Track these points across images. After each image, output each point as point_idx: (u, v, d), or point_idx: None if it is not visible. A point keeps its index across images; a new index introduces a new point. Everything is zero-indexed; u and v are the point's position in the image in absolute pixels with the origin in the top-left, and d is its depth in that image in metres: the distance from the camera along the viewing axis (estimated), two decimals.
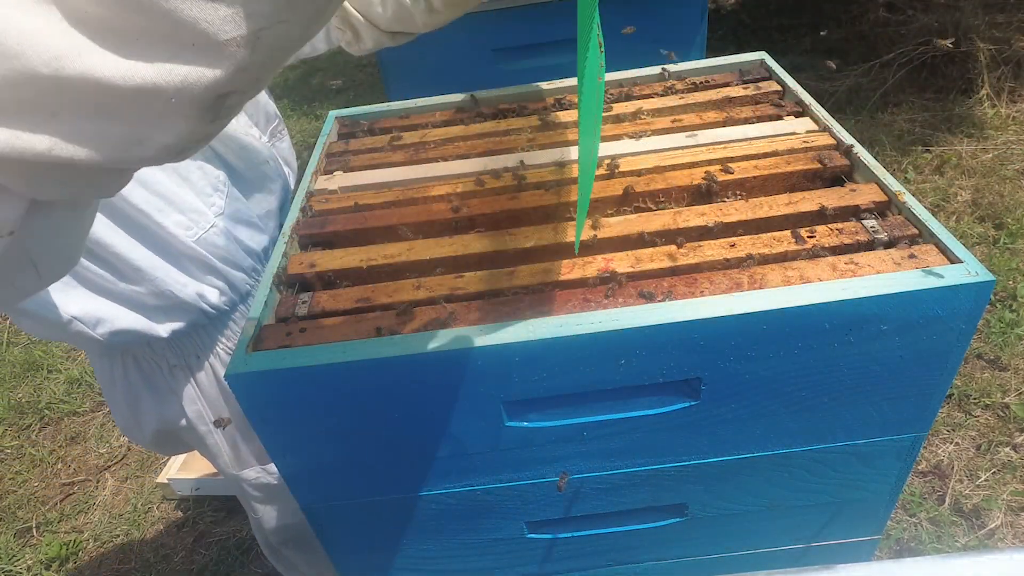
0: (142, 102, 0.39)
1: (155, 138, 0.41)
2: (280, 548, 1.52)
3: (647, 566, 1.09)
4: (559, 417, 0.85)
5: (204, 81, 0.39)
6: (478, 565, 1.06)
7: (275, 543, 1.50)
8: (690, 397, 0.83)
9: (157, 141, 0.42)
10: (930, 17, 3.59)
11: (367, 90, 4.43)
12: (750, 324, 0.75)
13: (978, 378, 2.21)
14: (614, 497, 0.96)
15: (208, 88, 0.39)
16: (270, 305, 0.87)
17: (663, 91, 1.22)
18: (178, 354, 1.20)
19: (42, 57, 0.36)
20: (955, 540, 1.86)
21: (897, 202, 0.88)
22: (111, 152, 0.41)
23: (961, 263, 0.76)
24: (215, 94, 0.40)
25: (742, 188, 0.96)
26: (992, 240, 2.65)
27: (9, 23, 0.36)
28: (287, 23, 0.39)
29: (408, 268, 0.90)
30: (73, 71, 0.37)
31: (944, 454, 2.05)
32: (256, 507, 1.41)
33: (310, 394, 0.79)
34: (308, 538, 1.51)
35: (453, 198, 1.00)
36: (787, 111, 1.10)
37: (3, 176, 0.42)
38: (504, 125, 1.18)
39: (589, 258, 0.86)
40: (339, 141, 1.23)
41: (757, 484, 0.95)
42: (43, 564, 2.19)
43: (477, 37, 1.94)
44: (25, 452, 2.58)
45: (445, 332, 0.77)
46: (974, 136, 3.15)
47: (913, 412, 0.86)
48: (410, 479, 0.91)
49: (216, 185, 1.13)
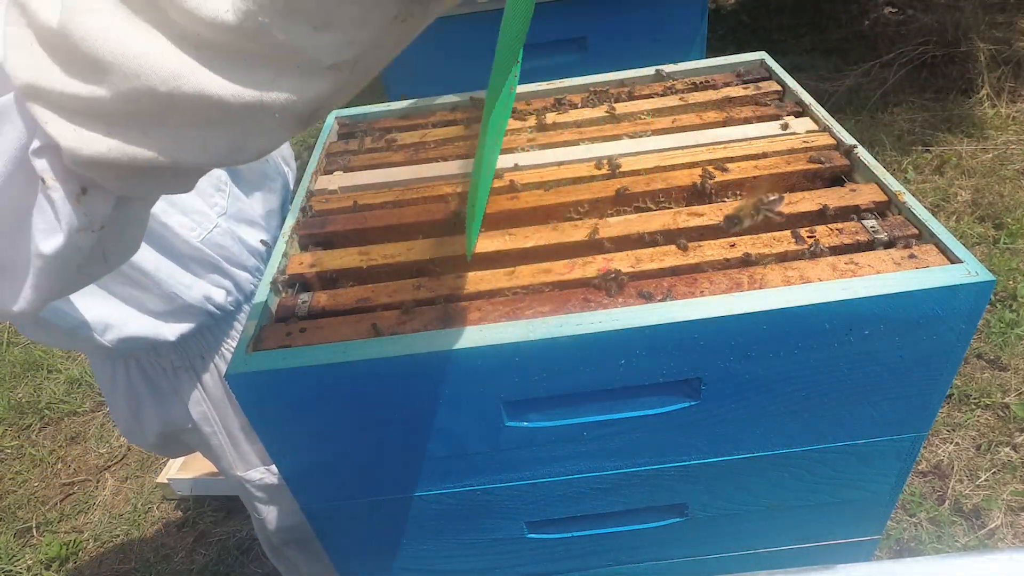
0: (248, 116, 0.42)
1: (254, 145, 0.46)
2: (282, 548, 1.52)
3: (647, 566, 1.09)
4: (559, 417, 0.85)
5: (306, 99, 0.42)
6: (478, 565, 1.06)
7: (277, 543, 1.51)
8: (690, 397, 0.83)
9: (255, 147, 0.46)
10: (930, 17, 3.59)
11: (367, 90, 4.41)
12: (750, 324, 0.75)
13: (978, 378, 2.21)
14: (614, 497, 0.96)
15: (309, 104, 0.43)
16: (270, 305, 0.87)
17: (663, 91, 1.22)
18: (182, 356, 1.20)
19: (160, 76, 0.40)
20: (955, 540, 1.86)
21: (897, 202, 0.88)
22: (212, 157, 0.45)
23: (961, 263, 0.76)
24: (314, 109, 0.43)
25: (742, 188, 0.96)
26: (992, 240, 2.65)
27: (127, 47, 0.40)
28: (382, 48, 0.43)
29: (408, 268, 0.90)
30: (189, 89, 0.40)
31: (944, 454, 2.05)
32: (259, 507, 1.41)
33: (310, 394, 0.79)
34: (310, 538, 1.51)
35: (453, 198, 1.00)
36: (787, 111, 1.10)
37: (106, 178, 0.46)
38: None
39: (589, 258, 0.86)
40: (339, 141, 1.23)
41: (757, 484, 0.95)
42: (43, 564, 2.19)
43: (477, 37, 1.94)
44: (25, 452, 2.58)
45: (445, 332, 0.77)
46: (974, 136, 3.15)
47: (913, 412, 0.86)
48: (410, 479, 0.91)
49: (218, 185, 1.14)
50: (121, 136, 0.43)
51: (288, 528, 1.45)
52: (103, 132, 0.43)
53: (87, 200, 0.48)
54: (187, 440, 1.33)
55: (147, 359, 1.19)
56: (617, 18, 1.94)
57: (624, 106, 1.18)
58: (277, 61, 0.41)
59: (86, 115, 0.43)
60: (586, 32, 1.95)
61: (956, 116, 3.26)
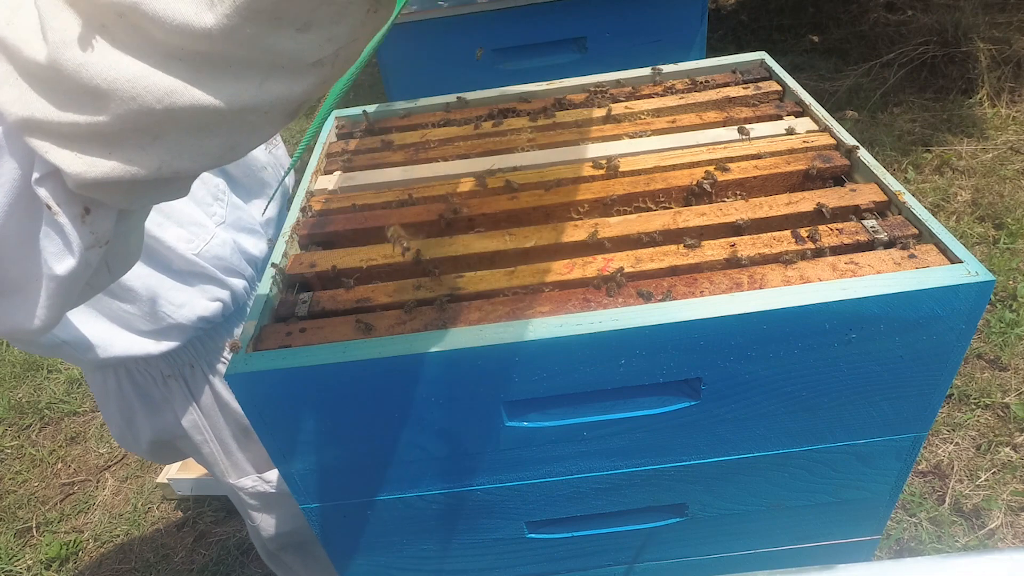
0: (241, 118, 0.45)
1: (246, 144, 0.48)
2: (278, 554, 1.52)
3: (647, 566, 1.09)
4: (559, 417, 0.85)
5: (294, 95, 0.45)
6: (478, 565, 1.06)
7: (273, 549, 1.50)
8: (690, 397, 0.83)
9: (247, 145, 0.48)
10: (930, 17, 3.59)
11: (367, 90, 4.43)
12: (750, 324, 0.75)
13: (978, 378, 2.21)
14: (614, 497, 0.96)
15: (296, 100, 0.45)
16: (270, 305, 0.87)
17: (663, 91, 1.22)
18: (172, 365, 1.18)
19: (155, 95, 0.42)
20: (955, 540, 1.86)
21: (897, 202, 0.88)
22: (208, 161, 0.48)
23: (961, 263, 0.76)
24: (300, 103, 0.46)
25: (742, 188, 0.96)
26: (992, 240, 2.65)
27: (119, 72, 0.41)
28: (358, 41, 0.45)
29: (408, 268, 0.90)
30: (184, 103, 0.42)
31: (944, 454, 2.05)
32: (253, 515, 1.40)
33: (310, 394, 0.79)
34: (306, 543, 1.50)
35: (453, 198, 1.00)
36: (787, 111, 1.10)
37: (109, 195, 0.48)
38: (504, 125, 1.18)
39: (589, 258, 0.86)
40: (339, 141, 1.23)
41: (757, 484, 0.95)
42: (43, 564, 2.19)
43: (477, 37, 1.94)
44: (25, 452, 2.58)
45: (445, 332, 0.77)
46: (974, 136, 3.15)
47: (913, 412, 0.86)
48: (410, 479, 0.91)
49: (216, 194, 1.13)
50: (120, 156, 0.45)
51: (283, 534, 1.44)
52: (103, 155, 0.45)
53: (91, 219, 0.50)
54: (181, 447, 1.32)
55: (137, 369, 1.18)
56: (617, 18, 1.94)
57: (624, 106, 1.18)
58: (264, 64, 0.42)
59: (85, 140, 0.44)
60: (586, 32, 1.95)
61: (956, 116, 3.26)
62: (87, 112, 0.43)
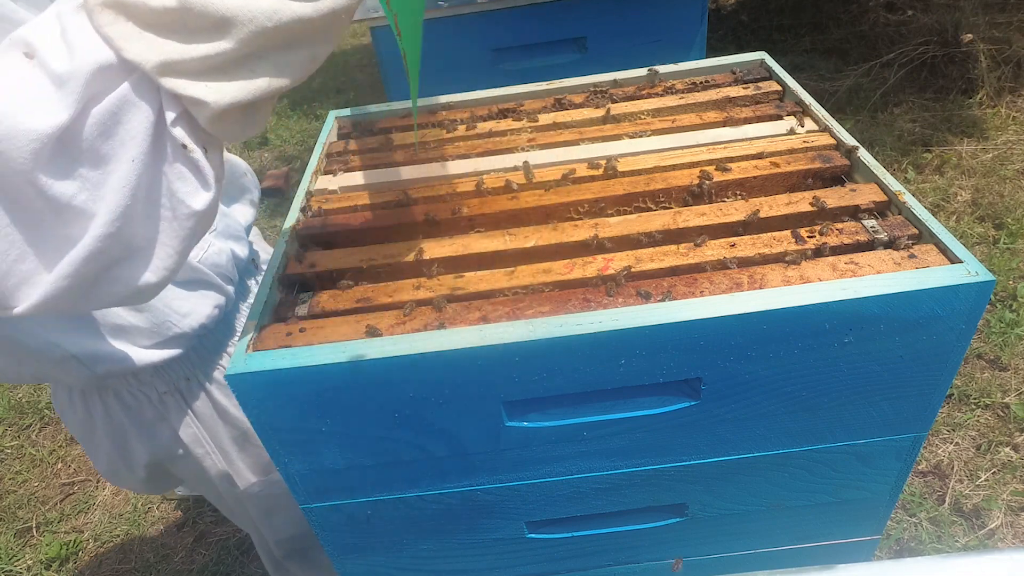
0: (324, 25, 0.54)
1: (322, 53, 0.57)
2: (284, 562, 1.51)
3: (647, 566, 1.09)
4: (559, 417, 0.85)
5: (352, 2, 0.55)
6: (478, 565, 1.06)
7: (280, 556, 1.49)
8: (690, 397, 0.83)
9: (322, 54, 0.58)
10: (930, 17, 3.59)
11: (367, 90, 4.43)
12: (750, 324, 0.75)
13: (978, 378, 2.21)
14: (614, 497, 0.96)
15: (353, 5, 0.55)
16: (270, 305, 0.87)
17: (663, 91, 1.22)
18: (166, 380, 1.15)
19: (266, 13, 0.52)
20: (955, 540, 1.86)
21: (897, 202, 0.88)
22: (299, 73, 0.57)
23: (961, 263, 0.76)
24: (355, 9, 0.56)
25: (742, 188, 0.96)
26: (992, 240, 2.65)
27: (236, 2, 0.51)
28: None
29: (408, 268, 0.90)
30: (287, 17, 0.52)
31: (944, 454, 2.05)
32: (258, 521, 1.39)
33: (310, 394, 0.79)
34: (310, 548, 1.50)
35: (453, 198, 1.00)
36: (787, 111, 1.10)
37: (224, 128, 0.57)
38: (504, 125, 1.18)
39: (589, 258, 0.86)
40: (339, 141, 1.23)
41: (757, 484, 0.95)
42: (43, 564, 2.19)
43: (477, 37, 1.94)
44: (25, 452, 2.58)
45: (445, 332, 0.77)
46: (974, 136, 3.15)
47: (913, 412, 0.86)
48: (410, 479, 0.91)
49: None
50: (240, 79, 0.54)
51: (289, 539, 1.43)
52: (227, 80, 0.54)
53: (211, 157, 0.58)
54: (176, 471, 1.29)
55: (128, 390, 1.14)
56: (617, 18, 1.94)
57: (624, 106, 1.18)
58: None
59: (210, 71, 0.53)
60: (586, 32, 1.95)
61: (956, 116, 3.26)
62: (213, 40, 0.52)
